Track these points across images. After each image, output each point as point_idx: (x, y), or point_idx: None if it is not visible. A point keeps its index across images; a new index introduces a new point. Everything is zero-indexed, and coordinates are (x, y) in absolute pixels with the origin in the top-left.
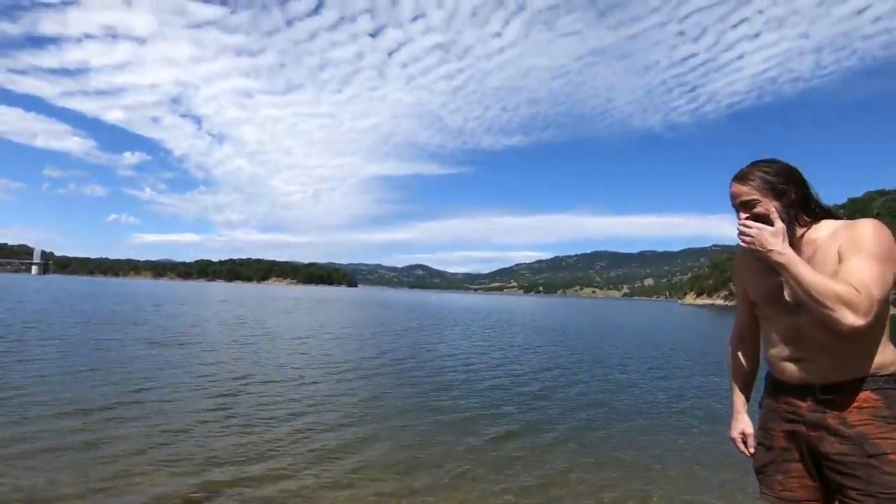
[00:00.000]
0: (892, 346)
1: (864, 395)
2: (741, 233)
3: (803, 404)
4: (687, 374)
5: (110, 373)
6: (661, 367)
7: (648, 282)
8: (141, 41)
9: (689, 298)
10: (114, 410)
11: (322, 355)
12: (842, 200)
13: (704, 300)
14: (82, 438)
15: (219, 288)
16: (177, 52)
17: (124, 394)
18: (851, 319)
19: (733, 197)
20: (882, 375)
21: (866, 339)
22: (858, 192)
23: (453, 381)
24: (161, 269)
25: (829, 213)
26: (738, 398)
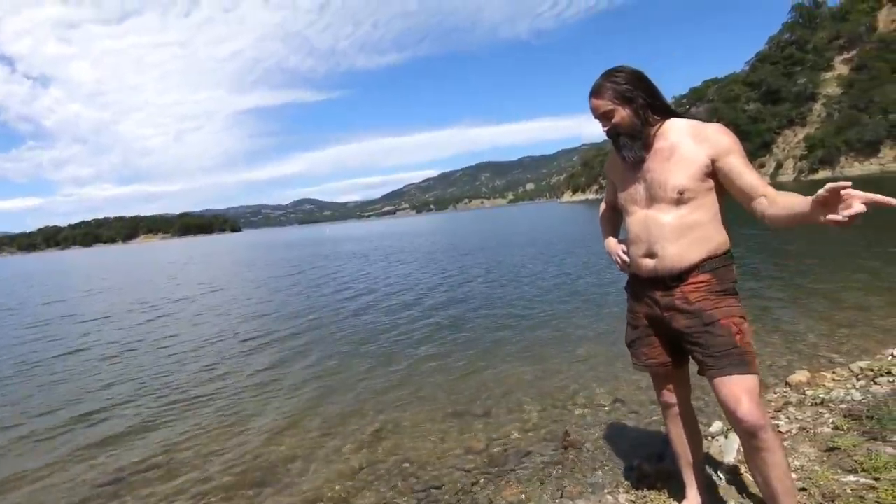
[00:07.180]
0: (722, 230)
1: (701, 276)
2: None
3: (657, 292)
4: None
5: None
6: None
7: (530, 186)
8: None
9: (567, 196)
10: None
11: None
12: (684, 91)
13: (579, 196)
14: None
15: (73, 257)
16: None
17: None
18: None
19: (593, 110)
20: (715, 257)
21: (702, 228)
22: (697, 82)
23: (360, 309)
24: None
25: (673, 112)
26: (608, 233)
